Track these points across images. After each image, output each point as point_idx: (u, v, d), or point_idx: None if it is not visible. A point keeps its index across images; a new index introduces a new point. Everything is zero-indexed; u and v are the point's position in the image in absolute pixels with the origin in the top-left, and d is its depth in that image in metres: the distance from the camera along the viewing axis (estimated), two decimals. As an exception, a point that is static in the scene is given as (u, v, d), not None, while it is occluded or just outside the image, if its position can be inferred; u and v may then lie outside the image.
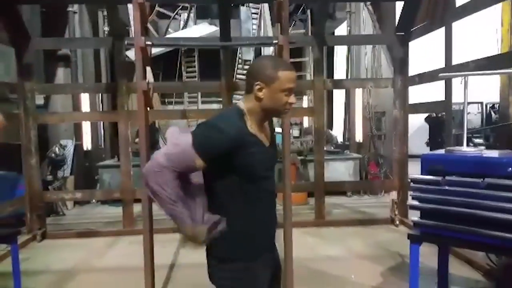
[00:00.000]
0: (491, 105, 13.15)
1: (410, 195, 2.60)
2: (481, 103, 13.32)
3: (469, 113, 13.59)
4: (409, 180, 2.61)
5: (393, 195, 5.96)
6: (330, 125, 11.19)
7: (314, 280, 3.99)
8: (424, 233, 2.54)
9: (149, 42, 3.13)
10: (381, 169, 8.08)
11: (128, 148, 5.69)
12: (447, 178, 2.41)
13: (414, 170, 5.65)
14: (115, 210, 6.54)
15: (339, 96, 10.64)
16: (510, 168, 2.24)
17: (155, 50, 8.27)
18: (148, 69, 8.61)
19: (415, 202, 2.54)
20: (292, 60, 9.15)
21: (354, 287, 3.77)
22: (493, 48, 7.53)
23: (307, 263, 4.30)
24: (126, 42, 3.05)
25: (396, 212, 5.77)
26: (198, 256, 4.68)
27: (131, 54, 8.42)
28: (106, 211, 7.14)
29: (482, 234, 2.24)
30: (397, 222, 5.71)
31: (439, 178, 2.42)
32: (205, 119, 1.81)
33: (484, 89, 10.54)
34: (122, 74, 5.65)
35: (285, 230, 3.31)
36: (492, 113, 13.03)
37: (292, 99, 1.71)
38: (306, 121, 10.01)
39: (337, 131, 10.27)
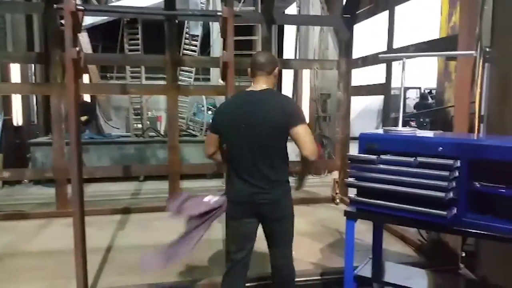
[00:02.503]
0: (428, 90, 13.83)
1: (347, 171, 2.63)
2: (419, 88, 13.99)
3: (408, 98, 14.24)
4: (347, 158, 2.64)
5: (335, 174, 6.11)
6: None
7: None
8: (360, 210, 2.58)
9: (80, 7, 2.89)
10: (325, 150, 8.24)
11: (61, 124, 5.35)
12: (382, 156, 2.45)
13: (356, 151, 5.86)
14: (49, 190, 6.18)
15: (288, 77, 10.68)
16: (441, 148, 2.30)
17: (94, 20, 7.79)
18: (85, 39, 8.16)
19: (352, 180, 2.57)
20: (241, 38, 9.08)
21: (296, 263, 3.79)
22: (436, 34, 7.84)
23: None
24: (55, 7, 2.78)
25: (337, 191, 5.93)
26: (135, 238, 4.57)
27: (68, 24, 7.89)
28: (39, 192, 6.73)
29: (413, 211, 2.31)
30: (338, 201, 5.88)
31: (374, 157, 2.45)
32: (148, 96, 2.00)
33: (422, 75, 11.07)
34: (55, 43, 5.25)
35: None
36: (429, 98, 13.70)
37: None
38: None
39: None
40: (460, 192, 2.25)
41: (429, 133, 2.65)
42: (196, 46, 8.38)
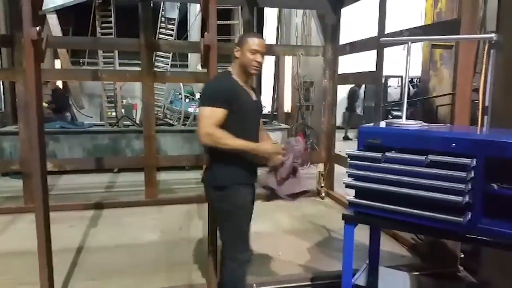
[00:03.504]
0: (409, 79, 13.75)
1: (346, 172, 2.34)
2: (401, 77, 13.89)
3: (389, 86, 14.15)
4: (346, 156, 2.35)
5: (320, 167, 5.86)
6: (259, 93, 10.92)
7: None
8: (359, 213, 2.32)
9: (39, -20, 2.48)
10: (308, 140, 7.99)
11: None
12: (387, 154, 2.18)
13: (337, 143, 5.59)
14: (17, 183, 5.69)
15: (269, 63, 10.35)
16: (454, 144, 2.04)
17: (64, 1, 7.22)
18: (54, 21, 7.60)
19: (351, 180, 2.29)
20: (220, 22, 8.67)
21: (283, 265, 3.55)
22: (416, 20, 7.64)
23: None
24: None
25: (323, 184, 5.69)
26: (107, 237, 4.22)
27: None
28: (6, 185, 6.25)
29: (423, 217, 2.05)
30: (323, 194, 5.64)
31: (379, 155, 2.17)
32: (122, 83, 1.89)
33: (403, 64, 10.95)
34: (18, 24, 4.75)
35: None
36: (411, 87, 13.64)
37: (258, 58, 2.36)
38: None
39: (266, 101, 10.01)
40: (476, 195, 2.01)
41: (437, 127, 2.39)
42: (172, 30, 7.93)
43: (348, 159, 2.32)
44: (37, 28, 2.42)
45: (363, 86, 12.63)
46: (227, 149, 2.24)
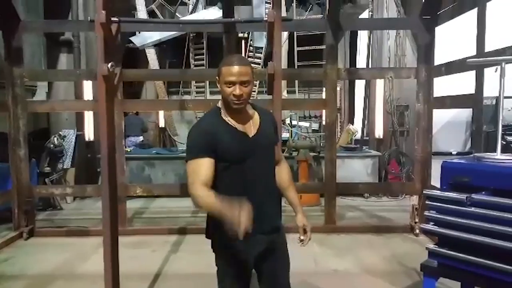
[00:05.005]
0: (527, 100, 12.14)
1: (425, 214, 2.01)
2: (514, 98, 12.32)
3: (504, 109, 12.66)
4: (425, 196, 2.03)
5: (414, 200, 5.32)
6: (352, 119, 10.53)
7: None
8: (442, 265, 1.95)
9: (115, 19, 2.62)
10: (402, 169, 7.39)
11: (122, 141, 5.30)
12: (474, 196, 1.81)
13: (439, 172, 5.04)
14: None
15: (360, 87, 9.95)
16: None
17: (160, 36, 7.82)
18: (152, 55, 8.19)
19: (431, 226, 1.95)
20: (310, 48, 8.60)
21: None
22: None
23: (308, 278, 3.75)
24: (89, 19, 2.59)
25: (417, 220, 5.12)
26: (187, 264, 4.25)
27: (136, 40, 8.01)
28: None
29: (520, 276, 1.65)
30: (417, 231, 5.05)
31: (463, 197, 1.82)
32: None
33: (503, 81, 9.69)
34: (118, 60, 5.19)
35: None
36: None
37: (236, 91, 1.86)
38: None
39: (359, 126, 9.59)
40: None
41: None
42: (260, 58, 8.04)
43: (427, 200, 1.99)
44: (109, 64, 2.53)
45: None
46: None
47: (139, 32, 8.03)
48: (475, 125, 4.18)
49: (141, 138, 8.84)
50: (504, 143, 10.05)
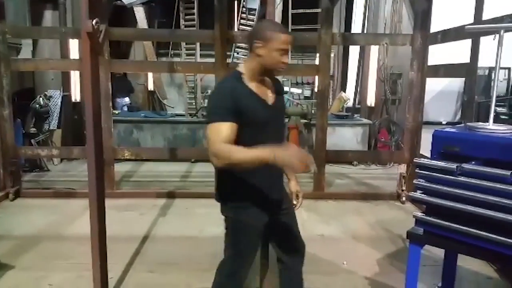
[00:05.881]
0: (518, 71, 12.11)
1: (414, 183, 2.00)
2: (509, 69, 12.30)
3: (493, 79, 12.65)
4: (415, 164, 2.00)
5: (402, 168, 5.35)
6: (344, 87, 10.42)
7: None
8: (428, 233, 1.96)
9: (98, -27, 2.47)
10: (392, 137, 7.40)
11: (109, 102, 5.17)
12: (464, 165, 1.79)
13: (429, 141, 5.05)
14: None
15: (353, 54, 9.80)
16: (553, 158, 1.60)
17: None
18: (141, 14, 7.91)
19: (420, 194, 1.94)
20: (304, 11, 8.36)
21: (345, 277, 3.26)
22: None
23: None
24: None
25: (404, 188, 5.18)
26: (175, 227, 4.27)
27: (125, -2, 7.71)
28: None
29: (506, 245, 1.65)
30: (404, 199, 5.13)
31: (454, 166, 1.80)
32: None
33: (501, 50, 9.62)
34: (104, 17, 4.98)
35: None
36: (519, 81, 12.01)
37: (285, 59, 1.92)
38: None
39: (351, 93, 9.51)
40: None
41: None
42: (253, 21, 7.82)
43: (416, 169, 1.97)
44: (93, 21, 2.41)
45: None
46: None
47: (128, -11, 7.74)
48: (467, 95, 4.14)
49: (127, 99, 8.67)
50: (495, 113, 10.11)
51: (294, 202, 2.26)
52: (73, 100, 7.44)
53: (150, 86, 8.96)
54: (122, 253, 3.52)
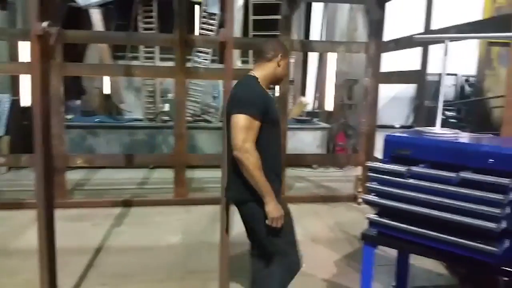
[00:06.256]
0: (465, 77, 12.80)
1: (366, 185, 2.06)
2: (456, 75, 12.96)
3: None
4: (367, 168, 2.07)
5: (358, 170, 5.50)
6: (304, 92, 10.58)
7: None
8: (381, 234, 2.02)
9: (49, -27, 2.39)
10: (349, 141, 7.60)
11: (60, 108, 4.99)
12: (413, 168, 1.87)
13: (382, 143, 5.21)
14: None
15: (312, 60, 9.98)
16: (492, 159, 1.70)
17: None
18: (97, 16, 7.69)
19: (372, 197, 2.00)
20: (266, 17, 8.42)
21: (304, 280, 3.28)
22: (478, 16, 7.02)
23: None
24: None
25: (360, 189, 5.33)
26: (130, 237, 4.14)
27: None
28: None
29: (451, 243, 1.73)
30: (360, 200, 5.28)
31: (403, 169, 1.87)
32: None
33: (460, 61, 10.15)
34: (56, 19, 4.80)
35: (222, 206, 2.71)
36: (466, 86, 12.70)
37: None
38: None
39: (310, 98, 9.66)
40: (517, 221, 1.66)
41: (475, 138, 2.04)
42: (214, 25, 7.79)
43: (369, 172, 2.03)
44: (44, 24, 2.33)
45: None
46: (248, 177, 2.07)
47: (83, -9, 7.50)
48: (417, 100, 4.33)
49: (78, 102, 8.35)
50: (444, 117, 10.61)
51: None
52: (22, 105, 7.10)
53: (106, 90, 8.72)
54: (74, 266, 3.37)
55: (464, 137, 2.01)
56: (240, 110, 2.04)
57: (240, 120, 2.02)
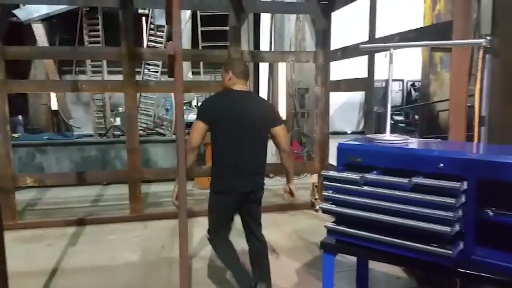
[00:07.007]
0: (411, 82, 13.48)
1: (323, 194, 2.09)
2: (402, 80, 13.62)
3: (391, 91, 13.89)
4: (322, 177, 2.10)
5: (314, 178, 5.60)
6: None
7: (218, 279, 3.45)
8: (340, 242, 2.06)
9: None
10: (303, 149, 7.73)
11: (6, 126, 4.71)
12: (367, 176, 1.92)
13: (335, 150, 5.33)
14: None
15: (264, 70, 10.11)
16: (442, 164, 1.79)
17: (49, 9, 7.07)
18: (40, 31, 7.39)
19: (328, 205, 2.04)
20: (214, 28, 8.45)
21: None
22: (419, 23, 7.40)
23: (215, 260, 3.77)
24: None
25: (317, 196, 5.42)
26: (85, 257, 3.97)
27: (20, 14, 7.16)
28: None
29: (407, 248, 1.79)
30: (317, 207, 5.36)
31: (358, 177, 1.92)
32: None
33: (405, 67, 10.66)
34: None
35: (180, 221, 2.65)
36: (412, 90, 13.36)
37: None
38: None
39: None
40: (468, 222, 1.75)
41: (424, 143, 2.13)
42: (162, 37, 7.71)
43: (324, 181, 2.07)
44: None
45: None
46: None
47: (24, 5, 7.17)
48: (366, 107, 4.49)
49: (19, 117, 7.95)
50: (393, 122, 11.09)
51: None
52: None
53: (53, 106, 8.37)
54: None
55: (413, 142, 2.09)
56: (282, 121, 2.97)
57: (284, 128, 2.94)
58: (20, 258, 3.65)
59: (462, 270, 1.74)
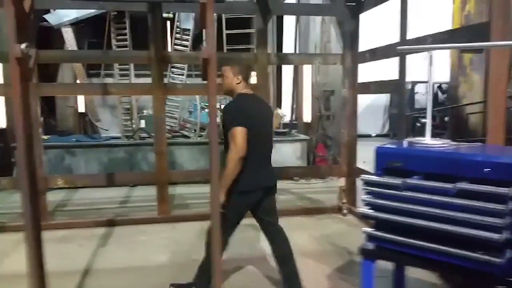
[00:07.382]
0: (438, 85, 13.18)
1: (362, 199, 2.06)
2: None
3: (417, 92, 13.63)
4: (362, 181, 2.07)
5: (341, 181, 5.53)
6: (279, 103, 10.66)
7: (246, 284, 3.44)
8: (380, 248, 2.02)
9: (27, -6, 2.31)
10: (329, 152, 7.66)
11: (37, 129, 4.82)
12: (408, 180, 1.88)
13: (363, 153, 5.24)
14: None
15: (288, 73, 10.08)
16: (488, 169, 1.73)
17: (78, 14, 7.23)
18: (69, 35, 7.57)
19: (367, 210, 2.00)
20: (238, 31, 8.47)
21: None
22: (448, 25, 7.25)
23: (244, 264, 3.76)
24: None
25: (344, 200, 5.35)
26: (117, 258, 4.02)
27: (51, 18, 7.34)
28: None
29: (452, 255, 1.74)
30: (345, 211, 5.30)
31: (399, 181, 1.88)
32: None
33: (432, 69, 10.45)
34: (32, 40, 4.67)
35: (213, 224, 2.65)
36: (439, 93, 13.06)
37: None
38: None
39: (286, 110, 9.73)
40: (517, 230, 1.69)
41: (467, 148, 2.07)
42: (188, 41, 7.78)
43: (364, 185, 2.03)
44: (23, 45, 2.24)
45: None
46: None
47: (54, 10, 7.36)
48: (398, 109, 4.42)
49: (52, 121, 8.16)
50: (419, 125, 10.85)
51: None
52: (-4, 126, 6.88)
53: (81, 109, 8.55)
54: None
55: (455, 147, 2.04)
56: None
57: None
58: (52, 258, 3.67)
59: (511, 279, 1.68)
